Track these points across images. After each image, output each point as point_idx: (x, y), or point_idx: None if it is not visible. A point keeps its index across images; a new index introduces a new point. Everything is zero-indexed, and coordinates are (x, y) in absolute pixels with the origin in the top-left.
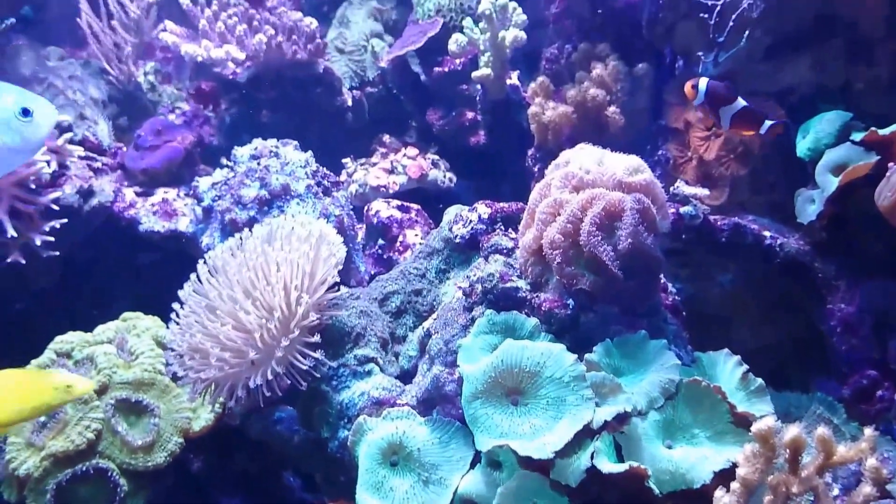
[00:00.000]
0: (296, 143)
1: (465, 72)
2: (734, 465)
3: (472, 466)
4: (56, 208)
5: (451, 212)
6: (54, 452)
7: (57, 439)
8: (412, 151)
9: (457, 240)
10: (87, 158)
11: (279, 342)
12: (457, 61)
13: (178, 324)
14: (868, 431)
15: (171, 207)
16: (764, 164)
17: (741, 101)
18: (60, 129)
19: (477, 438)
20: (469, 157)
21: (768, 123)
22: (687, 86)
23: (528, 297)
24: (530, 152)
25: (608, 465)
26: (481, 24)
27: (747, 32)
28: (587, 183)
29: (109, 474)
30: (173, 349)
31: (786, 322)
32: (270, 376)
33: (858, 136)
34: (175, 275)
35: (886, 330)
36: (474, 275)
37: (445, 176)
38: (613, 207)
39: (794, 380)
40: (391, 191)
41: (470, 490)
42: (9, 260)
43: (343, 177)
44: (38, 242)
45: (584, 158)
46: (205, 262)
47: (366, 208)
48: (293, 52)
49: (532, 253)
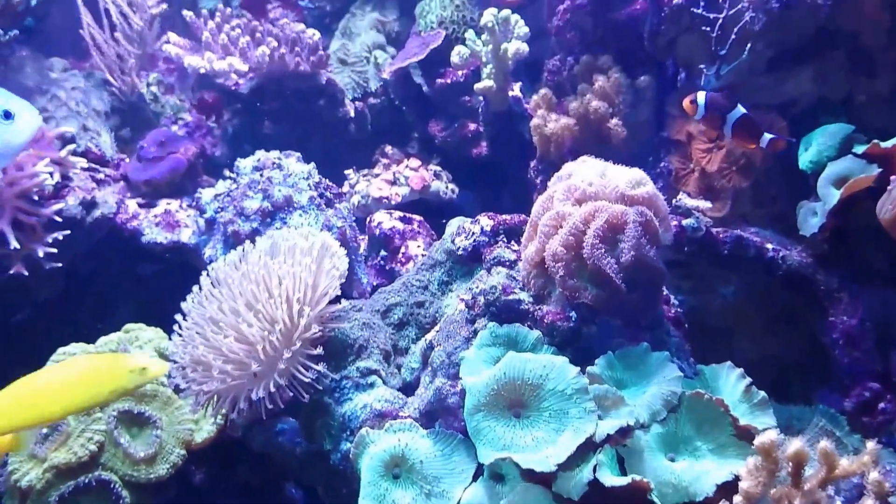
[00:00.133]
0: (298, 155)
1: (468, 83)
2: (737, 478)
3: (475, 479)
4: (59, 220)
5: (454, 224)
6: (57, 464)
7: (59, 451)
8: (414, 163)
9: (459, 252)
10: (90, 170)
11: (281, 354)
12: (459, 73)
13: (181, 336)
14: (870, 444)
15: (174, 219)
16: (766, 177)
17: (741, 109)
18: (63, 141)
19: (479, 451)
20: (471, 169)
21: (767, 137)
22: (685, 102)
23: (531, 310)
24: (532, 164)
25: (611, 479)
26: (483, 37)
27: (749, 45)
28: (590, 195)
29: (112, 486)
30: (176, 361)
31: (788, 334)
32: (273, 388)
33: (860, 149)
34: (177, 286)
35: (889, 342)
36: (477, 287)
37: (448, 187)
38: (616, 220)
39: (796, 392)
40: (393, 202)
41: (472, 503)
42: (11, 271)
43: (345, 188)
44: (41, 254)
45: (587, 171)
46: (207, 275)
47: (368, 219)
48: (296, 64)
49: (535, 265)
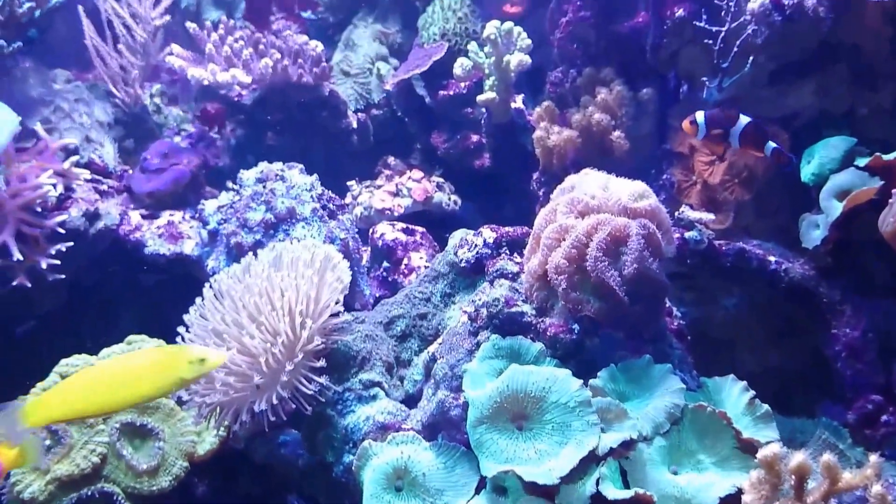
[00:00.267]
0: (301, 167)
1: (470, 95)
2: (740, 491)
3: (478, 492)
4: (62, 231)
5: (457, 236)
6: (59, 476)
7: (62, 463)
8: (417, 174)
9: (462, 264)
10: (94, 181)
11: (284, 366)
12: (461, 85)
13: None
14: (873, 458)
15: (177, 230)
16: (768, 189)
17: (744, 119)
18: (67, 152)
19: (482, 464)
20: (474, 180)
21: (771, 146)
22: (685, 124)
23: (534, 322)
24: (535, 176)
25: (613, 492)
26: (486, 49)
27: (752, 58)
28: (592, 208)
29: (114, 498)
30: None
31: (790, 346)
32: (275, 400)
33: (863, 162)
34: (180, 297)
35: (891, 354)
36: (479, 299)
37: (450, 199)
38: (619, 233)
39: (799, 404)
40: (396, 213)
41: None
42: (14, 283)
43: (348, 199)
44: (44, 265)
45: (590, 184)
46: (210, 286)
47: (371, 231)
48: (299, 76)
49: (537, 278)
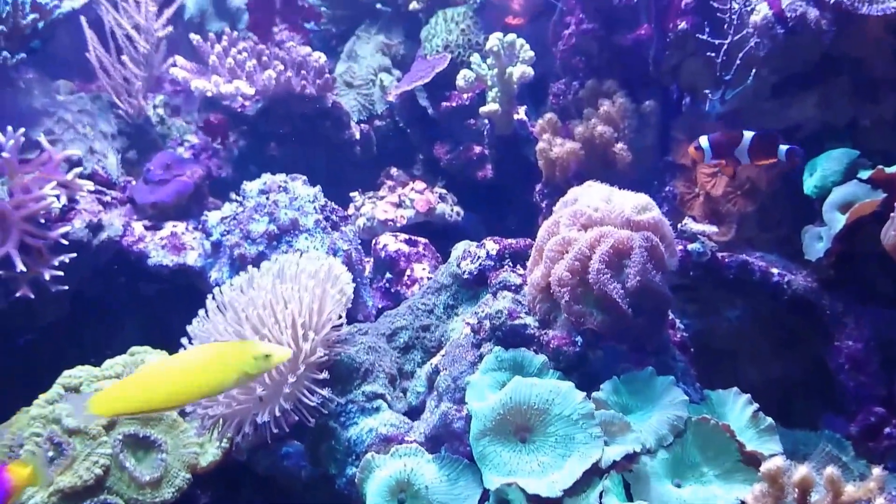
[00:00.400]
0: (304, 178)
1: (473, 107)
2: None
3: None
4: (65, 243)
5: (459, 247)
6: (62, 488)
7: (65, 475)
8: (420, 185)
9: (465, 276)
10: (97, 192)
11: (287, 378)
12: (464, 96)
13: None
14: (876, 470)
15: (180, 241)
16: (771, 201)
17: (748, 134)
18: (70, 164)
19: (485, 476)
20: (476, 191)
21: (784, 148)
22: (690, 150)
23: (537, 334)
24: (538, 187)
25: None
26: (489, 60)
27: (754, 71)
28: (595, 221)
29: None
30: None
31: (793, 358)
32: (278, 413)
33: (865, 174)
34: (183, 308)
35: (894, 367)
36: (482, 311)
37: (453, 210)
38: (622, 245)
39: (802, 416)
40: (399, 224)
41: None
42: (18, 294)
43: (351, 210)
44: (48, 277)
45: (593, 196)
46: (213, 298)
47: (373, 242)
48: (302, 87)
49: (540, 290)
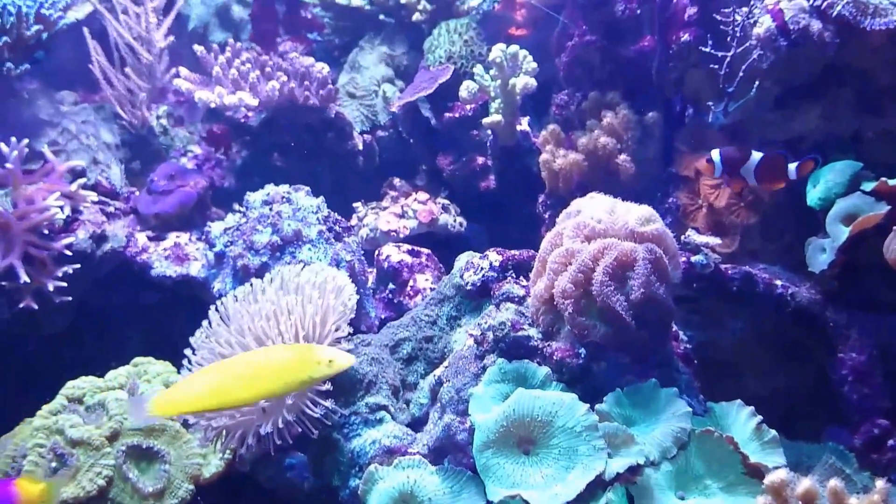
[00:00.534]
0: (307, 189)
1: (476, 117)
2: None
3: None
4: (69, 253)
5: (463, 259)
6: (65, 499)
7: (68, 486)
8: (422, 196)
9: (468, 287)
10: (101, 203)
11: None
12: (467, 107)
13: (190, 370)
14: (880, 483)
15: (183, 252)
16: (775, 212)
17: (756, 155)
18: (74, 174)
19: (488, 488)
20: (479, 202)
21: (793, 167)
22: (701, 164)
23: (540, 346)
24: (541, 199)
25: None
26: (492, 71)
27: (757, 83)
28: (599, 232)
29: None
30: None
31: (796, 370)
32: (281, 424)
33: (869, 186)
34: (186, 319)
35: None
36: (486, 323)
37: (456, 220)
38: (626, 257)
39: (805, 428)
40: (401, 235)
41: None
42: (21, 305)
43: (354, 221)
44: (51, 287)
45: (596, 208)
46: (216, 309)
47: (376, 252)
48: (305, 98)
49: (543, 302)
